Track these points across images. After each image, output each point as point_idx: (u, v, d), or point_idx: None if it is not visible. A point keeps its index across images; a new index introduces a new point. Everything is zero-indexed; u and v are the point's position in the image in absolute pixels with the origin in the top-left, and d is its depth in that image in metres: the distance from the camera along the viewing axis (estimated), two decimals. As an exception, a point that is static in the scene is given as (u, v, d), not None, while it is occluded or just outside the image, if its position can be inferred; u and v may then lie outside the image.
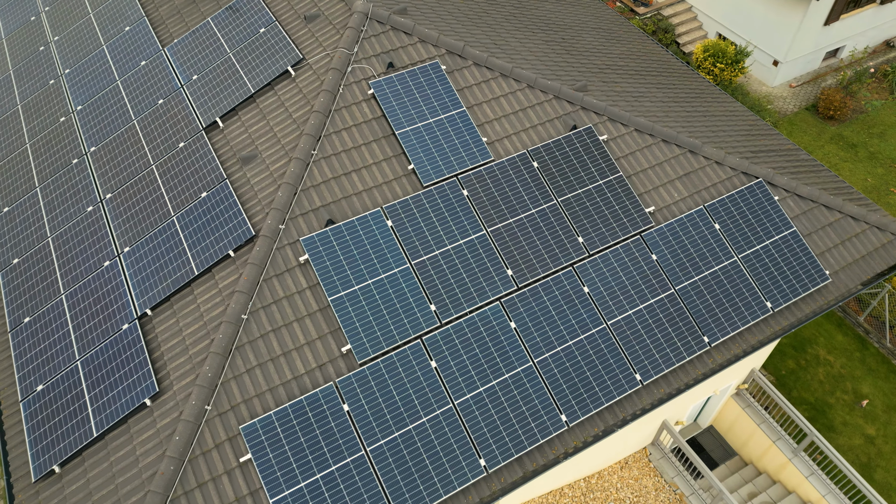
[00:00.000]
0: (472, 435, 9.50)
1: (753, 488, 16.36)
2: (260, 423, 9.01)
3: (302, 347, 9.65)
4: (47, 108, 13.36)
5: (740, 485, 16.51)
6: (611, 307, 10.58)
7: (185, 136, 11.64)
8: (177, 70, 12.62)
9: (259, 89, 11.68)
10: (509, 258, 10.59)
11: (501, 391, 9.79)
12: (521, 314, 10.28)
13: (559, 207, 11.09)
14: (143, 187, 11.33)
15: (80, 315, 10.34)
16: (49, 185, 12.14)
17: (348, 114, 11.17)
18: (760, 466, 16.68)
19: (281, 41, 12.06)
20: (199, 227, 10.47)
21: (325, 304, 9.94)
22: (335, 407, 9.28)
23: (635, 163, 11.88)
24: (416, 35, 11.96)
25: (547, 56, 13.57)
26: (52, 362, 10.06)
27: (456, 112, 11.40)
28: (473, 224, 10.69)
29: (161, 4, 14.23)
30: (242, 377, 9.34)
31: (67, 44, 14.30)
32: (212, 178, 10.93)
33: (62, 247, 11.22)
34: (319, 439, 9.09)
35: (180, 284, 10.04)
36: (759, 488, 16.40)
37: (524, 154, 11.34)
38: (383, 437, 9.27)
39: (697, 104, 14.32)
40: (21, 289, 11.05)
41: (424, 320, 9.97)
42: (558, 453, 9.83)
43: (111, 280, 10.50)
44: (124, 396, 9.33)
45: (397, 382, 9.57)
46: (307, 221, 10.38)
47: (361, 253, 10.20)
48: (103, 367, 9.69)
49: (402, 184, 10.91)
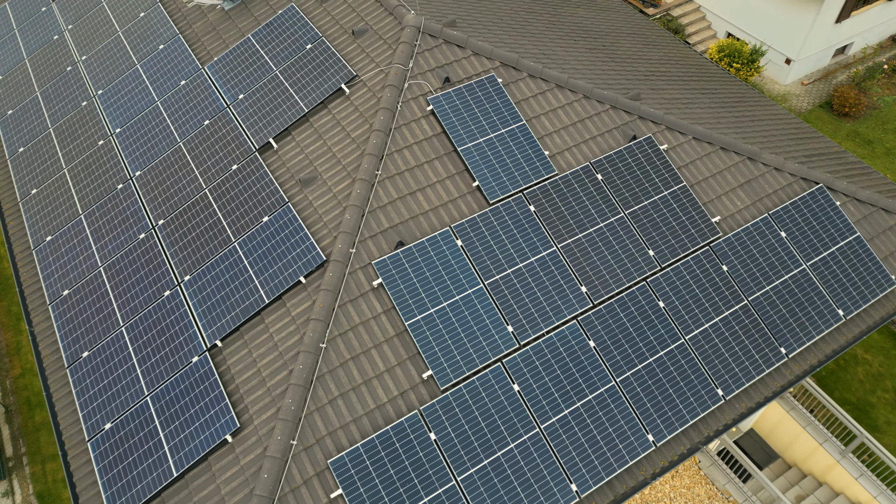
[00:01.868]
0: (562, 459, 9.27)
1: (800, 491, 16.28)
2: (348, 457, 8.72)
3: (382, 375, 9.37)
4: (83, 132, 12.93)
5: (786, 488, 16.43)
6: (687, 321, 10.40)
7: (238, 157, 11.29)
8: (220, 89, 12.26)
9: (312, 108, 11.36)
10: (582, 275, 10.37)
11: (587, 413, 9.57)
12: (599, 332, 10.06)
13: (627, 220, 10.89)
14: (197, 212, 10.97)
15: (143, 348, 9.97)
16: (94, 211, 11.73)
17: (408, 131, 10.90)
18: (805, 469, 16.59)
19: (331, 58, 11.75)
20: (264, 253, 10.14)
21: (401, 329, 9.66)
22: (422, 436, 9.01)
23: (696, 172, 11.71)
24: (470, 48, 11.72)
25: (594, 64, 13.37)
26: (118, 398, 9.68)
27: (516, 126, 11.17)
28: (543, 240, 10.47)
29: (194, 21, 13.85)
30: (325, 408, 9.04)
31: (97, 63, 13.87)
32: (272, 202, 10.60)
33: (116, 276, 10.83)
34: (409, 470, 8.81)
35: (250, 313, 9.71)
36: (805, 491, 16.32)
37: (587, 167, 11.13)
38: (473, 465, 9.01)
39: (743, 109, 14.20)
40: (75, 322, 10.65)
41: (503, 342, 9.73)
42: (647, 474, 9.63)
43: (174, 310, 10.14)
44: (203, 433, 8.99)
45: (481, 408, 9.31)
46: (377, 244, 10.10)
47: (434, 275, 9.93)
48: (176, 403, 9.33)
49: (467, 201, 10.66)
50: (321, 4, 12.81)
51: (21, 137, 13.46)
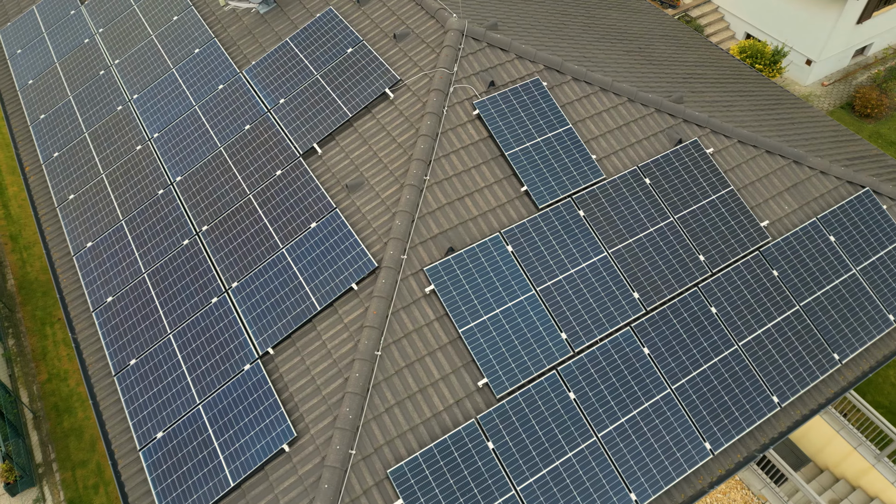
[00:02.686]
0: (620, 468, 9.16)
1: (833, 495, 16.17)
2: (407, 466, 8.61)
3: (437, 383, 9.26)
4: (119, 136, 12.82)
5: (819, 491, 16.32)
6: (739, 327, 10.30)
7: (282, 163, 11.19)
8: (260, 94, 12.16)
9: (356, 113, 11.25)
10: (634, 280, 10.27)
11: (643, 421, 9.46)
12: (653, 339, 9.96)
13: (676, 225, 10.79)
14: (242, 218, 10.86)
15: (193, 356, 9.87)
16: (135, 217, 11.63)
17: (455, 136, 10.79)
18: (838, 473, 16.48)
19: (373, 62, 11.65)
20: (313, 260, 10.03)
21: (454, 336, 9.55)
22: (480, 445, 8.90)
23: (742, 176, 11.61)
24: (513, 51, 11.61)
25: (633, 67, 13.27)
26: (169, 407, 9.58)
27: (563, 129, 11.06)
28: (594, 246, 10.36)
29: (228, 25, 13.74)
30: (382, 417, 8.93)
31: (131, 67, 13.76)
32: (319, 208, 10.49)
33: (160, 283, 10.73)
34: (468, 480, 8.70)
35: (302, 320, 9.61)
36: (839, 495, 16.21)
37: (635, 171, 11.03)
38: (532, 474, 8.90)
39: (781, 111, 14.10)
40: (120, 329, 10.54)
41: (557, 350, 9.62)
42: (704, 483, 9.52)
43: (223, 317, 10.03)
44: (258, 442, 8.88)
45: (538, 416, 9.21)
46: (427, 250, 9.99)
47: (486, 281, 9.83)
48: (229, 411, 9.23)
49: (515, 206, 10.56)
50: (360, 7, 12.71)
51: (55, 142, 13.36)
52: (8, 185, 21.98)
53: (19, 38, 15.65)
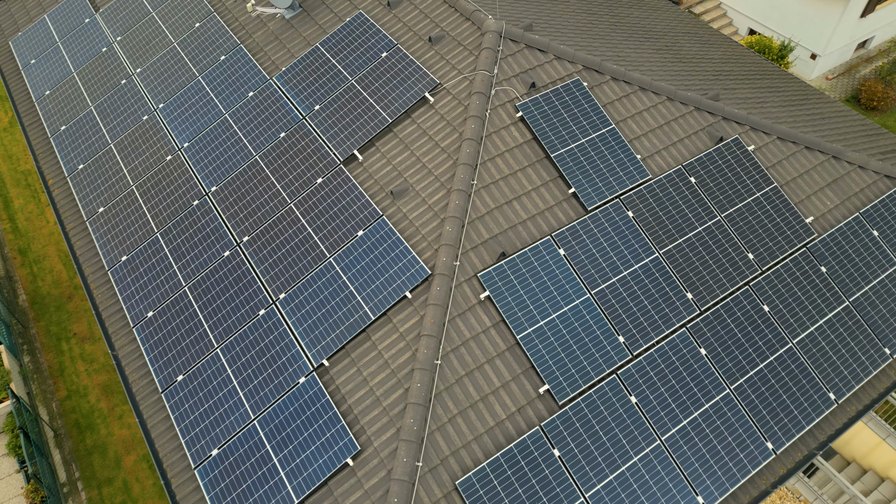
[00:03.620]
0: (686, 471, 9.07)
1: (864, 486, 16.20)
2: (476, 477, 8.46)
3: (498, 391, 9.12)
4: (147, 147, 12.56)
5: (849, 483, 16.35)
6: (792, 325, 10.24)
7: (322, 171, 10.99)
8: (293, 100, 11.95)
9: (396, 118, 11.08)
10: (686, 281, 10.18)
11: (705, 422, 9.38)
12: (709, 339, 9.88)
13: (724, 224, 10.72)
14: (284, 228, 10.66)
15: (243, 370, 9.66)
16: (170, 229, 11.38)
17: (499, 139, 10.66)
18: (866, 464, 16.51)
19: (409, 66, 11.48)
20: (363, 268, 9.85)
21: (511, 343, 9.42)
22: (546, 453, 8.77)
23: (784, 172, 11.57)
24: (552, 52, 11.49)
25: (664, 65, 13.20)
26: (222, 423, 9.36)
27: (606, 130, 10.96)
28: (644, 247, 10.26)
29: (253, 31, 13.51)
30: (446, 427, 8.77)
31: (154, 76, 13.50)
32: (365, 215, 10.31)
33: (203, 296, 10.50)
34: (537, 489, 8.57)
35: (356, 331, 9.43)
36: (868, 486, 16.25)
37: (679, 170, 10.95)
38: (599, 481, 8.78)
39: (810, 107, 14.09)
40: (164, 344, 10.30)
41: (616, 353, 9.51)
42: (767, 483, 9.45)
43: (272, 330, 9.82)
44: (321, 457, 8.69)
45: (601, 422, 9.09)
46: (478, 255, 9.85)
47: (540, 285, 9.70)
48: (287, 426, 9.03)
49: (563, 209, 10.44)
50: (390, 11, 12.53)
51: (79, 154, 13.07)
52: (13, 198, 21.58)
53: (32, 47, 15.32)
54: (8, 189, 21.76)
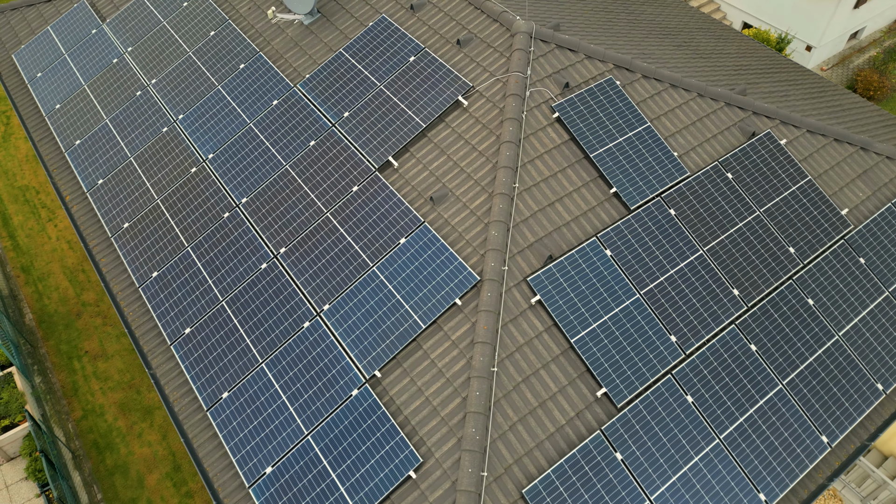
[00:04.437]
0: (746, 470, 9.03)
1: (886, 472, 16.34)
2: (541, 484, 8.35)
3: (555, 396, 9.02)
4: (170, 160, 12.29)
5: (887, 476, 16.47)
6: (837, 318, 10.26)
7: (357, 178, 10.82)
8: (321, 108, 11.75)
9: (430, 123, 10.93)
10: (731, 277, 10.15)
11: (761, 419, 9.35)
12: (758, 335, 9.86)
13: (763, 218, 10.71)
14: (322, 238, 10.47)
15: (292, 384, 9.46)
16: (201, 243, 11.14)
17: (537, 141, 10.56)
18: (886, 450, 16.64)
19: (439, 69, 11.34)
20: (409, 277, 9.70)
21: (565, 347, 9.32)
22: (609, 457, 8.68)
23: (816, 165, 11.60)
24: (582, 51, 11.42)
25: (687, 61, 13.19)
26: (274, 440, 9.16)
27: (642, 128, 10.91)
28: (688, 244, 10.22)
29: (271, 38, 13.28)
30: (507, 435, 8.65)
31: (171, 86, 13.21)
32: (406, 223, 10.16)
33: (242, 310, 10.28)
34: (602, 494, 8.48)
35: (407, 340, 9.27)
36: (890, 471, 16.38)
37: (716, 166, 10.93)
38: (662, 482, 8.71)
39: (828, 99, 14.17)
40: (205, 361, 10.07)
41: (669, 353, 9.45)
42: (823, 477, 9.45)
43: (319, 342, 9.64)
44: (382, 470, 8.53)
45: (660, 423, 9.03)
46: (525, 259, 9.74)
47: (590, 288, 9.61)
48: (343, 440, 8.85)
49: (606, 209, 10.36)
50: (414, 14, 12.38)
51: (97, 168, 12.76)
52: (12, 215, 21.09)
53: (37, 60, 14.95)
54: (6, 206, 21.27)
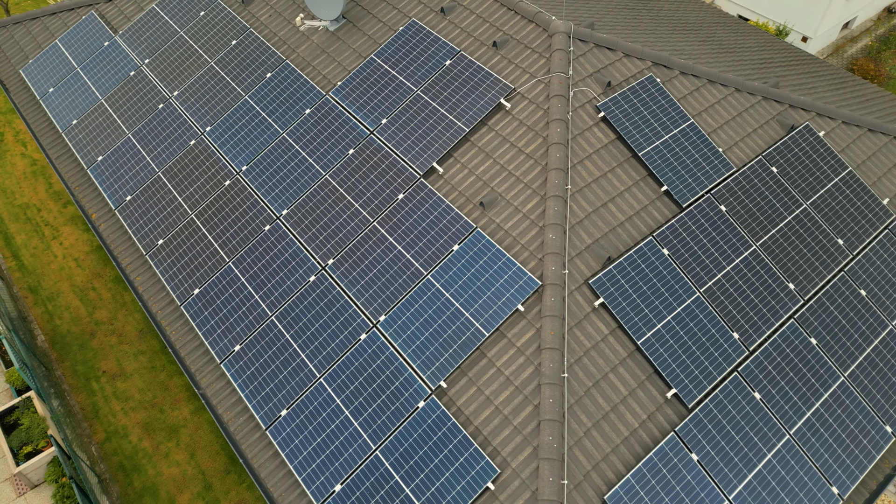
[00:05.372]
0: (817, 464, 9.01)
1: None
2: (622, 489, 8.25)
3: (626, 399, 8.92)
4: (200, 173, 12.01)
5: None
6: (889, 308, 10.29)
7: (402, 185, 10.64)
8: (356, 115, 11.55)
9: (472, 127, 10.78)
10: (785, 271, 10.14)
11: (826, 412, 9.34)
12: (817, 328, 9.85)
13: (810, 211, 10.73)
14: (372, 247, 10.28)
15: (354, 398, 9.26)
16: (243, 257, 10.88)
17: (584, 141, 10.47)
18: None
19: (478, 72, 11.21)
20: (466, 284, 9.55)
21: (631, 349, 9.23)
22: (685, 458, 8.61)
23: (853, 156, 11.64)
24: (620, 49, 11.35)
25: (716, 56, 13.19)
26: (341, 456, 8.95)
27: (686, 125, 10.87)
28: (741, 240, 10.19)
29: (296, 46, 13.04)
30: (583, 441, 8.54)
31: (194, 98, 12.92)
32: (458, 229, 10.00)
33: (294, 325, 10.05)
34: (682, 496, 8.40)
35: (470, 349, 9.12)
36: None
37: (760, 160, 10.92)
38: (739, 482, 8.66)
39: (850, 90, 14.27)
40: (260, 378, 9.83)
41: (733, 350, 9.41)
42: (889, 467, 9.46)
43: (378, 354, 9.45)
44: (458, 483, 8.37)
45: (731, 421, 8.97)
46: (584, 261, 9.64)
47: (651, 288, 9.54)
48: (413, 454, 8.68)
49: (657, 207, 10.30)
50: (445, 17, 12.23)
51: (124, 185, 12.43)
52: (14, 234, 20.57)
53: (47, 75, 14.55)
54: (7, 225, 20.73)
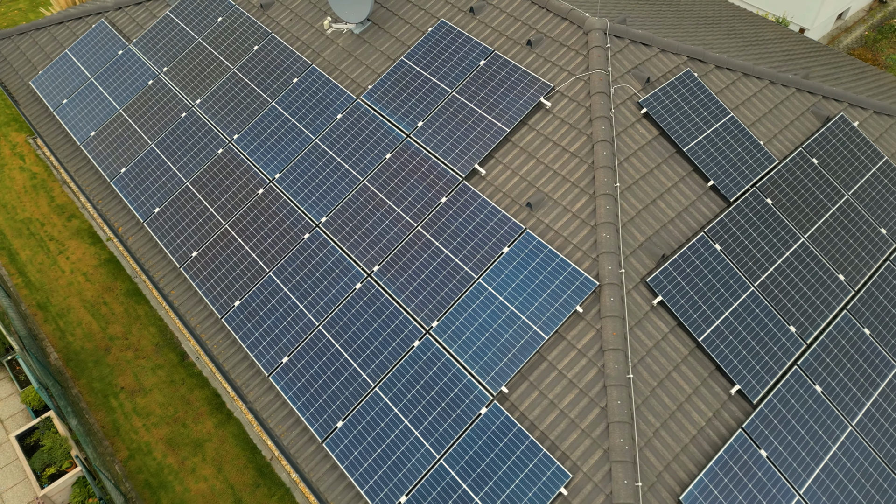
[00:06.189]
0: (881, 454, 8.98)
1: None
2: (696, 489, 8.16)
3: (690, 398, 8.83)
4: (231, 183, 11.76)
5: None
6: (938, 295, 10.31)
7: (444, 189, 10.48)
8: (391, 119, 11.37)
9: (513, 127, 10.65)
10: (834, 263, 10.12)
11: (885, 402, 9.32)
12: (869, 319, 9.84)
13: (852, 201, 10.72)
14: (418, 252, 10.11)
15: (412, 406, 9.08)
16: (284, 266, 10.66)
17: (628, 138, 10.37)
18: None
19: (514, 71, 11.07)
20: (520, 286, 9.41)
21: (691, 346, 9.15)
22: (754, 455, 8.54)
23: (887, 145, 11.67)
24: (656, 45, 11.27)
25: (741, 50, 13.17)
26: (403, 466, 8.77)
27: (726, 119, 10.81)
28: (790, 233, 10.16)
29: (321, 50, 12.82)
30: (652, 442, 8.44)
31: (218, 106, 12.65)
32: (506, 231, 9.86)
33: (342, 334, 9.85)
34: (755, 493, 8.33)
35: (530, 353, 8.98)
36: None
37: (801, 152, 10.90)
38: (808, 476, 8.60)
39: (870, 80, 14.32)
40: (311, 389, 9.62)
41: (791, 344, 9.36)
42: (950, 454, 9.45)
43: (433, 361, 9.28)
44: (528, 490, 8.23)
45: (795, 415, 8.92)
46: (638, 260, 9.54)
47: (706, 284, 9.46)
48: (480, 461, 8.52)
49: (705, 203, 10.23)
50: (474, 17, 12.07)
51: (151, 196, 12.14)
52: (18, 250, 20.06)
53: (59, 86, 14.19)
54: (10, 241, 20.22)
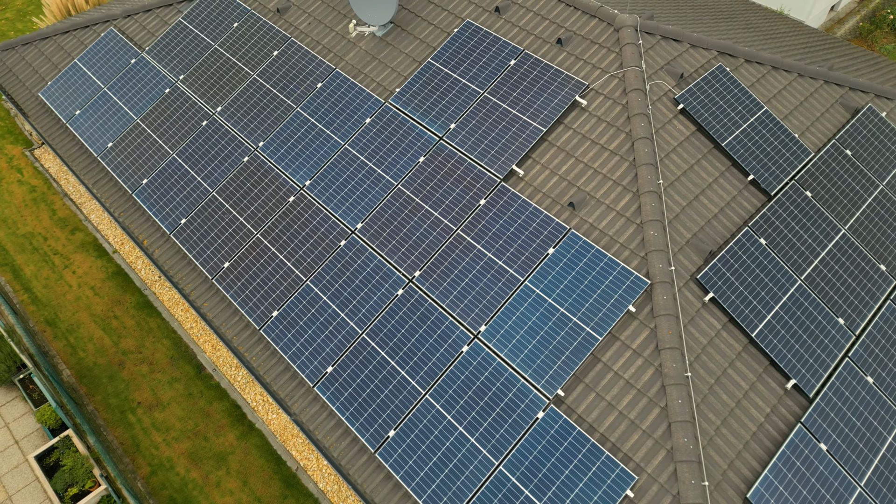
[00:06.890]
0: (938, 443, 8.99)
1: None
2: (762, 486, 8.11)
3: (748, 394, 8.79)
4: (260, 191, 11.55)
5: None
6: (978, 282, 10.36)
7: (482, 191, 10.35)
8: (422, 121, 11.23)
9: (549, 127, 10.55)
10: (875, 253, 10.13)
11: (938, 391, 9.34)
12: (915, 308, 9.86)
13: (887, 192, 10.75)
14: (459, 256, 9.97)
15: (465, 413, 8.95)
16: (321, 275, 10.48)
17: (666, 134, 10.32)
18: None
19: (547, 70, 10.97)
20: (569, 288, 9.31)
21: (744, 342, 9.10)
22: (815, 449, 8.50)
23: (917, 134, 11.72)
24: (686, 40, 11.23)
25: (762, 43, 13.17)
26: (461, 474, 8.64)
27: (761, 113, 10.79)
28: (830, 225, 10.15)
29: (343, 53, 12.64)
30: (715, 440, 8.37)
31: (241, 113, 12.43)
32: (550, 231, 9.76)
33: (388, 341, 9.70)
34: (818, 487, 8.29)
35: (584, 354, 8.88)
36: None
37: (834, 144, 10.91)
38: (867, 468, 8.59)
39: (886, 71, 14.40)
40: (359, 399, 9.45)
41: (841, 336, 9.35)
42: None
43: (484, 366, 9.15)
44: (593, 494, 8.12)
45: (850, 407, 8.90)
46: (686, 257, 9.48)
47: (755, 279, 9.42)
48: (541, 466, 8.41)
49: (746, 197, 10.20)
50: (500, 17, 11.96)
51: (176, 207, 11.90)
52: (22, 266, 19.65)
53: (71, 97, 13.88)
54: (13, 257, 19.80)
